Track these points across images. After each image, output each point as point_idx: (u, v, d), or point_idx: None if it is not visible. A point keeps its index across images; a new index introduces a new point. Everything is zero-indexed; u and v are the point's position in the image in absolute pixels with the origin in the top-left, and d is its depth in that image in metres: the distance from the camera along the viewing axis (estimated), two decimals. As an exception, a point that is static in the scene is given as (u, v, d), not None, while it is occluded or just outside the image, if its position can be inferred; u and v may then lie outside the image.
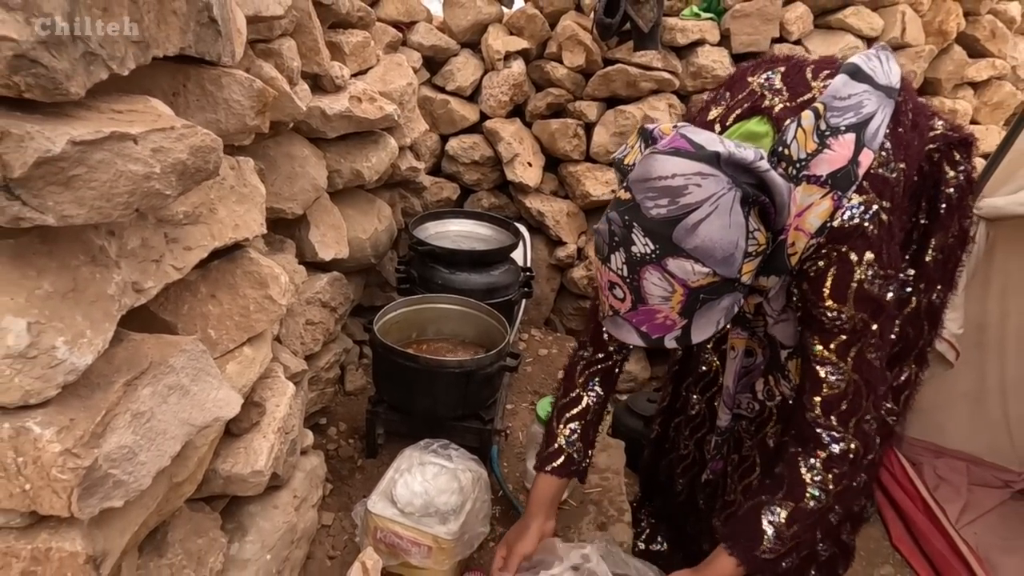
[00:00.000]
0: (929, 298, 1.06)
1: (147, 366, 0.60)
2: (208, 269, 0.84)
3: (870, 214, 0.82)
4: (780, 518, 0.88)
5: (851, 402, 0.87)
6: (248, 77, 0.87)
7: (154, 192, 0.53)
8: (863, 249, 0.82)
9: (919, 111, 0.92)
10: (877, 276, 0.83)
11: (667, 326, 0.81)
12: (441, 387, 1.33)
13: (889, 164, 0.84)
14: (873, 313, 0.84)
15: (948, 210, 0.98)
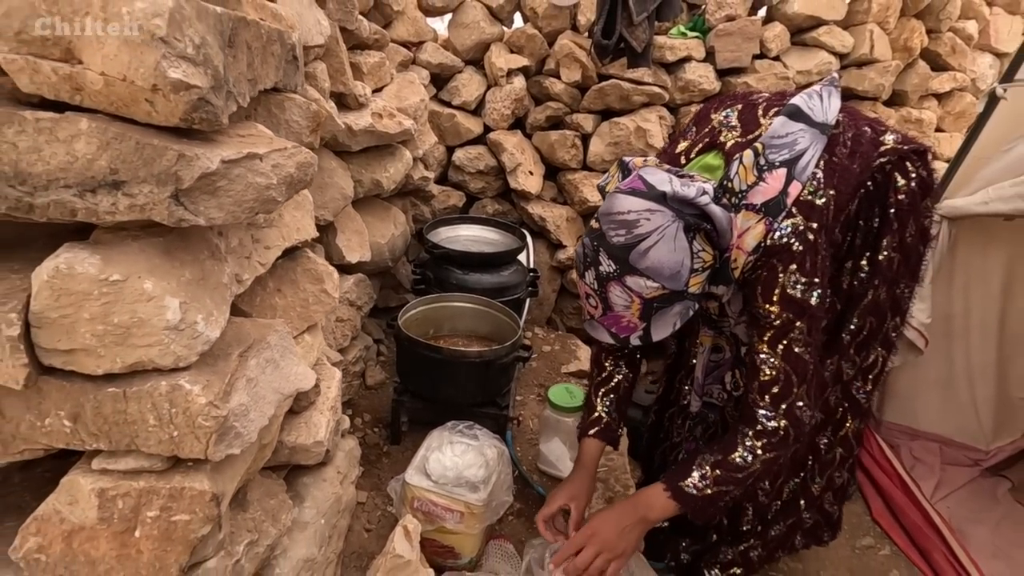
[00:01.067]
0: (891, 291, 1.20)
1: (251, 342, 0.74)
2: (274, 267, 0.97)
3: (797, 234, 0.97)
4: (707, 464, 1.04)
5: (782, 387, 1.01)
6: (306, 100, 1.00)
7: (270, 199, 0.66)
8: (788, 261, 0.98)
9: (860, 138, 1.07)
10: (799, 282, 0.98)
11: (631, 328, 1.00)
12: (462, 376, 1.47)
13: (818, 191, 0.99)
14: (797, 313, 0.99)
15: (898, 214, 1.11)
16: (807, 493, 1.35)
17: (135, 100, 0.53)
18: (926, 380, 2.17)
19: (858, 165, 1.05)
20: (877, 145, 1.09)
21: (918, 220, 1.17)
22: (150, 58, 0.50)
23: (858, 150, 1.06)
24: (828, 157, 1.01)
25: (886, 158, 1.09)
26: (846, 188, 1.03)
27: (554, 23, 2.30)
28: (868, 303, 1.16)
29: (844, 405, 1.28)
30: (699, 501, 1.03)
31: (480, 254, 1.85)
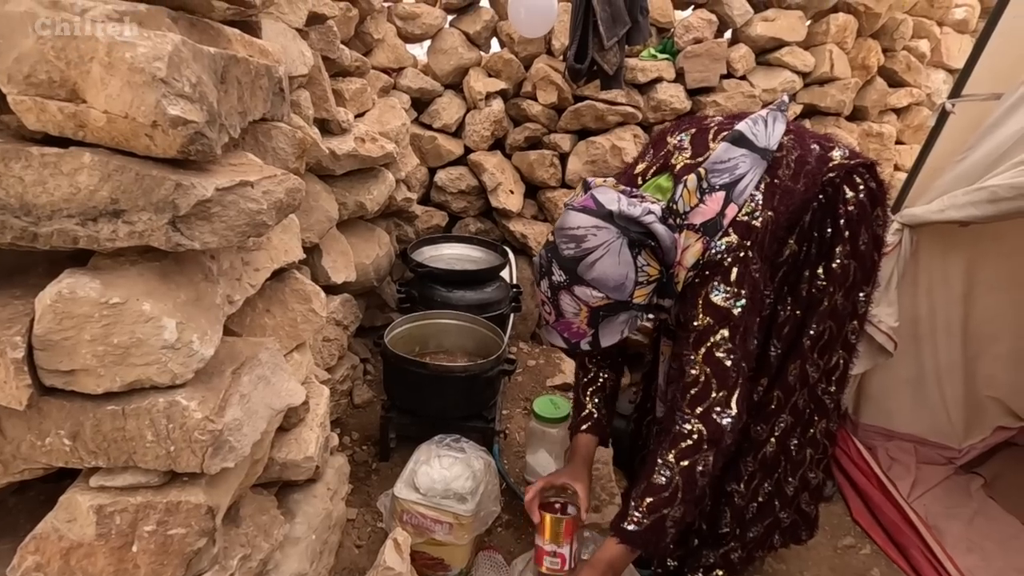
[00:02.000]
0: (849, 297, 1.26)
1: (244, 360, 0.77)
2: (263, 288, 1.01)
3: (730, 251, 1.03)
4: (637, 496, 1.04)
5: (700, 390, 1.03)
6: (291, 128, 1.05)
7: (261, 223, 0.71)
8: (715, 274, 1.04)
9: (805, 158, 1.13)
10: (722, 292, 1.03)
11: (580, 333, 1.07)
12: (449, 390, 1.50)
13: (755, 212, 1.05)
14: (718, 319, 1.03)
15: (849, 224, 1.18)
16: (782, 494, 1.40)
17: (136, 135, 0.57)
18: (898, 381, 2.24)
19: (803, 184, 1.11)
20: (825, 161, 1.16)
21: (870, 229, 1.25)
22: (151, 97, 0.54)
23: (802, 170, 1.12)
24: (770, 180, 1.08)
25: (835, 173, 1.16)
26: (788, 207, 1.09)
27: (529, 48, 2.39)
28: (826, 308, 1.23)
29: (811, 407, 1.34)
30: (644, 535, 1.03)
31: (463, 271, 1.90)
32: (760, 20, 2.36)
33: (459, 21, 2.40)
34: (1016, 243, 2.02)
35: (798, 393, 1.30)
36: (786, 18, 2.37)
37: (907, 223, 1.93)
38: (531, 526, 1.40)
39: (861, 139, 2.58)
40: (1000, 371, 2.20)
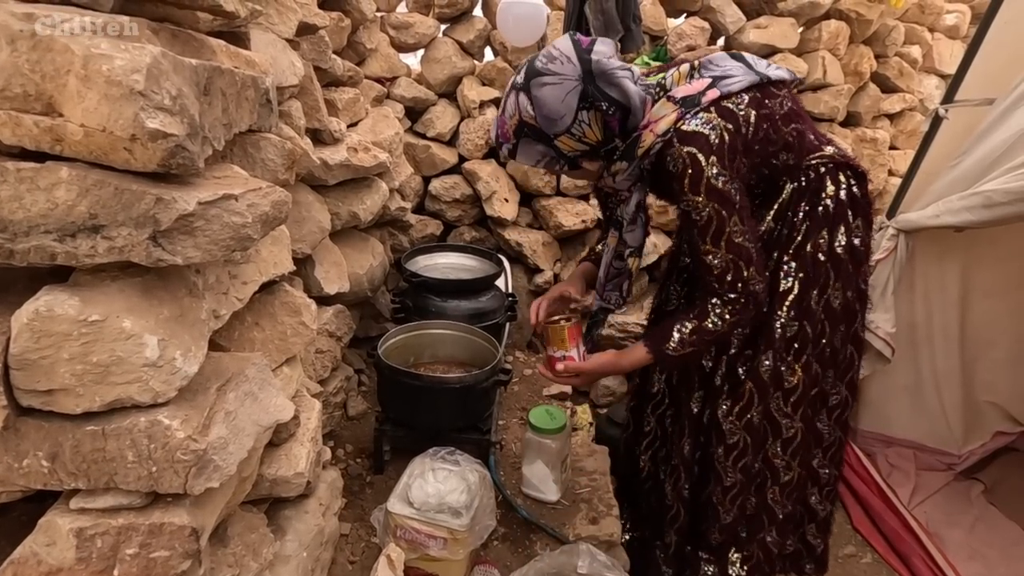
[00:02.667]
0: (822, 297, 1.27)
1: (230, 376, 0.75)
2: (252, 301, 0.99)
3: (712, 127, 1.08)
4: (686, 329, 1.19)
5: (734, 274, 1.14)
6: (281, 139, 1.04)
7: (246, 237, 0.69)
8: (708, 153, 1.08)
9: (799, 129, 1.18)
10: (721, 175, 1.08)
11: (506, 136, 1.15)
12: (443, 402, 1.48)
13: (740, 105, 1.11)
14: (722, 202, 1.09)
15: (825, 218, 1.22)
16: (769, 512, 1.40)
17: (114, 149, 0.56)
18: (896, 387, 2.24)
19: (785, 141, 1.17)
20: (815, 148, 1.20)
21: (848, 234, 1.25)
22: (129, 110, 0.53)
23: (789, 129, 1.17)
24: (760, 97, 1.13)
25: (821, 161, 1.20)
26: (767, 128, 1.14)
27: (523, 56, 2.39)
28: (795, 299, 1.24)
29: (792, 416, 1.34)
30: (676, 360, 1.22)
31: (457, 281, 1.88)
32: (753, 27, 2.37)
33: (452, 30, 2.41)
34: (1011, 247, 2.02)
35: (771, 396, 1.30)
36: (778, 25, 2.37)
37: (902, 228, 1.93)
38: (527, 539, 1.39)
39: (855, 145, 2.58)
40: (998, 376, 2.19)
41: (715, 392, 1.39)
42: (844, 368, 1.37)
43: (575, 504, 1.58)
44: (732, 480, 1.38)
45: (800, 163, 1.22)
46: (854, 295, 1.31)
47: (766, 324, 1.29)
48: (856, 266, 1.29)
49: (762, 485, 1.40)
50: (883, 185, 2.71)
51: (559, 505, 1.56)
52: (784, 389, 1.32)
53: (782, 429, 1.36)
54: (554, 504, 1.55)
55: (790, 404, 1.33)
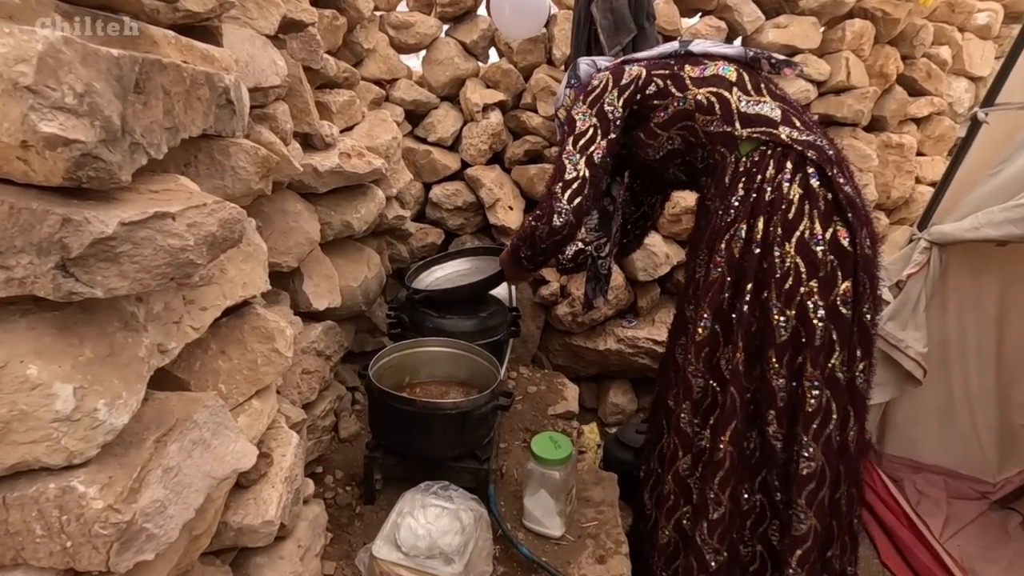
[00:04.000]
0: (791, 302, 1.14)
1: (174, 423, 0.64)
2: (218, 326, 0.89)
3: (597, 78, 1.36)
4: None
5: (550, 182, 1.35)
6: (253, 145, 0.93)
7: (188, 262, 0.58)
8: (580, 93, 1.38)
9: (717, 84, 1.26)
10: (577, 107, 1.35)
11: None
12: (438, 429, 1.37)
13: (632, 65, 1.35)
14: (568, 125, 1.35)
15: (759, 203, 1.16)
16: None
17: (5, 158, 0.45)
18: (924, 409, 2.09)
19: (695, 93, 1.27)
20: (760, 121, 1.21)
21: (805, 243, 1.14)
22: (15, 111, 0.42)
23: (711, 88, 1.27)
24: (669, 63, 1.33)
25: (766, 139, 1.18)
26: (664, 84, 1.31)
27: (529, 57, 2.28)
28: (759, 278, 1.17)
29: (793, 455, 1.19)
30: (511, 251, 1.52)
31: (455, 288, 1.78)
32: (772, 27, 2.24)
33: (455, 30, 2.30)
34: (1057, 263, 1.87)
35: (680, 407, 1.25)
36: (799, 24, 2.25)
37: (936, 241, 1.80)
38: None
39: (880, 151, 2.44)
40: (1038, 400, 2.04)
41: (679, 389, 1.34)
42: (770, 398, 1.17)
43: (581, 540, 1.45)
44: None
45: (732, 132, 1.23)
46: (810, 309, 1.12)
47: (730, 308, 1.21)
48: (812, 272, 1.12)
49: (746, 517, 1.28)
50: (909, 193, 2.57)
51: (563, 541, 1.43)
52: (693, 399, 1.25)
53: (714, 451, 1.23)
54: (558, 540, 1.43)
55: (699, 416, 1.26)
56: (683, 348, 1.30)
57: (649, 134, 1.36)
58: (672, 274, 2.37)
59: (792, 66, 1.27)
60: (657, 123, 1.33)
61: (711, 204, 1.26)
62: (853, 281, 1.12)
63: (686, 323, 1.29)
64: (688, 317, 1.29)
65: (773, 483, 1.23)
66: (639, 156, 1.42)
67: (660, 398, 1.49)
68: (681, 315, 1.38)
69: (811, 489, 1.16)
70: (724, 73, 1.26)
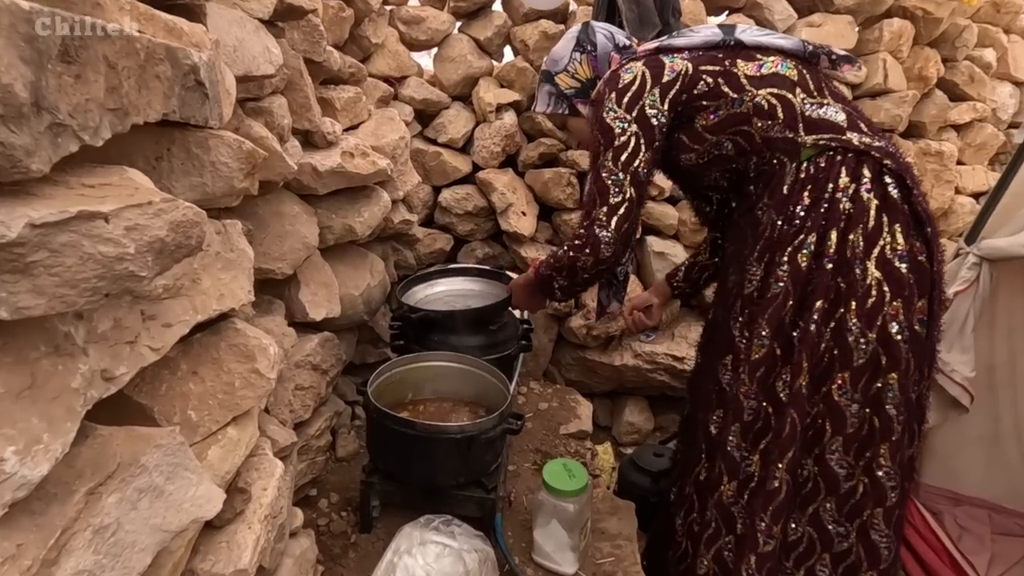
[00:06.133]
0: (827, 319, 1.04)
1: (115, 468, 0.53)
2: (189, 343, 0.78)
3: (629, 71, 1.17)
4: (551, 252, 1.35)
5: (588, 206, 1.21)
6: (237, 138, 0.82)
7: (127, 275, 0.47)
8: (612, 90, 1.17)
9: (778, 83, 1.11)
10: (613, 111, 1.16)
11: (533, 94, 1.49)
12: (441, 454, 1.25)
13: (674, 57, 1.16)
14: (604, 134, 1.17)
15: (834, 213, 1.05)
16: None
17: None
18: (968, 437, 1.94)
19: (753, 95, 1.11)
20: (827, 127, 1.07)
21: (881, 248, 1.03)
22: None
23: (772, 88, 1.11)
24: (716, 56, 1.14)
25: (835, 144, 1.06)
26: (715, 83, 1.14)
27: (545, 56, 2.17)
28: (833, 296, 1.05)
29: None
30: (540, 277, 1.37)
31: (463, 311, 1.65)
32: (805, 26, 2.11)
33: (468, 26, 2.20)
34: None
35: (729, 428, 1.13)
36: (834, 24, 2.11)
37: (987, 256, 1.65)
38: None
39: (918, 158, 2.30)
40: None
41: (726, 411, 1.20)
42: (856, 430, 1.09)
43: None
44: None
45: (795, 138, 1.10)
46: (895, 331, 1.03)
47: (748, 339, 1.12)
48: (896, 290, 1.02)
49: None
50: (948, 204, 2.41)
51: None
52: (743, 422, 1.12)
53: (770, 479, 1.10)
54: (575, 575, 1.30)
55: (748, 440, 1.10)
56: (729, 368, 1.17)
57: (694, 137, 1.19)
58: (693, 286, 2.24)
59: (852, 62, 1.14)
60: (704, 126, 1.16)
61: (761, 214, 1.13)
62: (929, 299, 1.00)
63: (732, 341, 1.16)
64: (736, 335, 1.16)
65: (829, 514, 1.12)
66: (675, 159, 1.25)
67: (693, 419, 1.36)
68: (723, 332, 1.23)
69: (899, 516, 1.12)
70: (784, 71, 1.11)
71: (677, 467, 1.48)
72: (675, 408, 2.40)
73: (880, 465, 1.09)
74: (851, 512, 1.14)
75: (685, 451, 1.43)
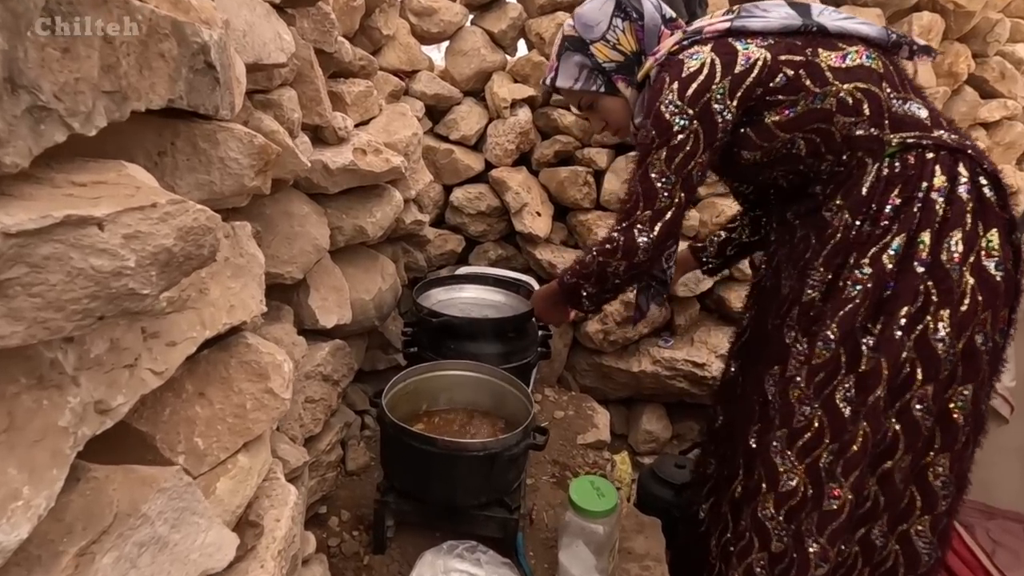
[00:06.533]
0: (913, 324, 0.96)
1: (111, 521, 0.45)
2: (196, 361, 0.69)
3: (696, 57, 1.02)
4: (576, 260, 1.28)
5: (629, 207, 1.11)
6: (248, 132, 0.74)
7: (125, 293, 0.38)
8: (674, 79, 1.03)
9: (864, 77, 1.00)
10: (674, 104, 1.02)
11: (551, 66, 1.23)
12: (461, 472, 1.16)
13: (748, 43, 1.01)
14: (660, 133, 1.03)
15: (928, 214, 0.96)
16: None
17: None
18: (1003, 448, 1.86)
19: (836, 89, 1.00)
20: (913, 124, 0.99)
21: (971, 249, 0.95)
22: None
23: (858, 82, 1.00)
24: (795, 44, 1.01)
25: (924, 141, 0.98)
26: (795, 76, 1.00)
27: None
28: (921, 301, 0.96)
29: None
30: (566, 287, 1.28)
31: (487, 320, 1.57)
32: (831, 19, 2.03)
33: (482, 19, 2.11)
34: None
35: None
36: (862, 16, 2.03)
37: None
38: None
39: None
40: None
41: (768, 423, 1.11)
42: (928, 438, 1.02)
43: (625, 604, 1.24)
44: None
45: (881, 136, 1.01)
46: (979, 341, 0.97)
47: (813, 341, 1.02)
48: (990, 299, 0.95)
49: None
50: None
51: (604, 604, 1.22)
52: (791, 428, 1.04)
53: (825, 497, 1.04)
54: (599, 604, 1.22)
55: (794, 449, 1.03)
56: (777, 378, 1.09)
57: (762, 135, 1.06)
58: (713, 290, 2.16)
59: (930, 54, 1.05)
60: (777, 123, 1.04)
61: (830, 215, 1.05)
62: (1010, 308, 0.93)
63: (784, 349, 1.08)
64: (789, 342, 1.07)
65: (880, 529, 1.05)
66: (735, 157, 1.13)
67: (727, 433, 1.28)
68: (773, 342, 1.14)
69: (945, 525, 1.08)
70: (869, 63, 1.00)
71: (709, 484, 1.39)
72: (694, 416, 2.32)
73: (938, 474, 1.04)
74: (897, 520, 1.07)
75: (719, 467, 1.34)
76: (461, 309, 1.65)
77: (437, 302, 1.68)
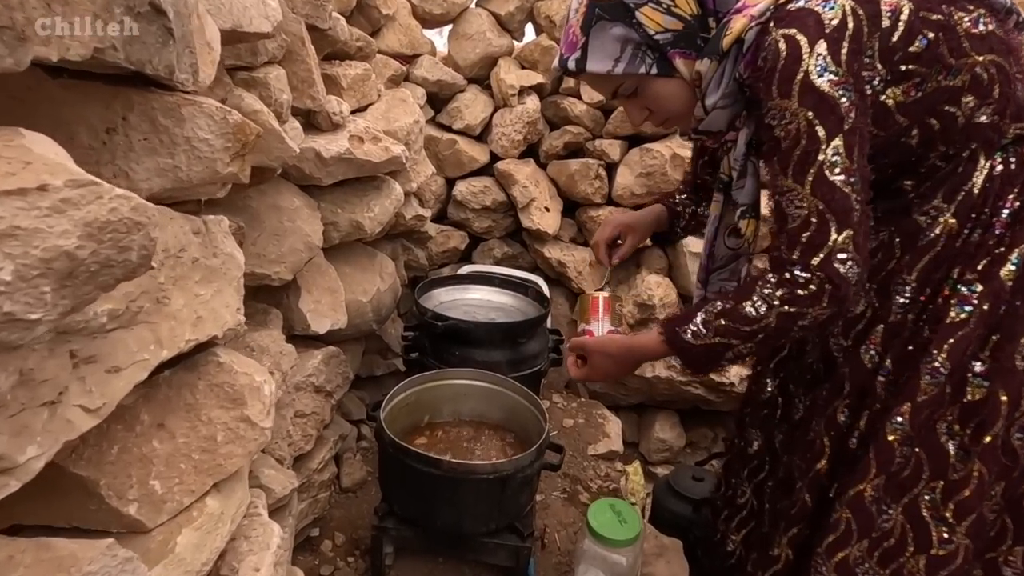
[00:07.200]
0: None
1: (6, 629, 0.32)
2: (154, 386, 0.57)
3: (829, 6, 0.76)
4: (714, 311, 0.84)
5: (814, 233, 0.78)
6: (221, 107, 0.61)
7: (3, 320, 0.26)
8: (815, 38, 0.75)
9: (997, 48, 0.81)
10: (829, 70, 0.75)
11: (572, 43, 0.89)
12: (469, 497, 1.04)
13: None
14: (821, 112, 0.75)
15: None
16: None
17: None
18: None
19: (970, 63, 0.80)
20: None
21: None
22: None
23: (992, 56, 0.80)
24: (948, 4, 0.80)
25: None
26: (935, 39, 0.79)
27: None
28: (971, 340, 0.84)
29: None
30: (695, 350, 0.86)
31: (492, 324, 1.45)
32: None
33: (488, 1, 1.98)
34: None
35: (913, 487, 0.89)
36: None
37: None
38: None
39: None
40: None
41: (852, 464, 0.97)
42: None
43: (649, 640, 1.13)
44: None
45: (1000, 125, 0.83)
46: None
47: (913, 372, 0.87)
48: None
49: None
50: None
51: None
52: (890, 473, 0.90)
53: (932, 542, 0.91)
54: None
55: (891, 493, 0.90)
56: (849, 410, 0.96)
57: (878, 120, 0.83)
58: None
59: None
60: (901, 104, 0.82)
61: (926, 219, 0.90)
62: None
63: (864, 378, 0.94)
64: (872, 367, 0.93)
65: None
66: None
67: (771, 462, 1.16)
68: (846, 367, 0.98)
69: None
70: (1000, 32, 0.81)
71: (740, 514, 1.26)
72: (708, 423, 2.20)
73: None
74: (984, 548, 0.94)
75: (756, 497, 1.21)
76: (466, 312, 1.53)
77: (440, 304, 1.56)
